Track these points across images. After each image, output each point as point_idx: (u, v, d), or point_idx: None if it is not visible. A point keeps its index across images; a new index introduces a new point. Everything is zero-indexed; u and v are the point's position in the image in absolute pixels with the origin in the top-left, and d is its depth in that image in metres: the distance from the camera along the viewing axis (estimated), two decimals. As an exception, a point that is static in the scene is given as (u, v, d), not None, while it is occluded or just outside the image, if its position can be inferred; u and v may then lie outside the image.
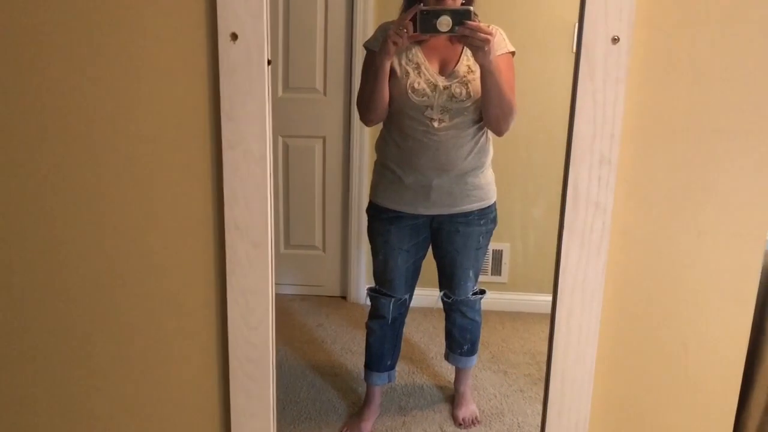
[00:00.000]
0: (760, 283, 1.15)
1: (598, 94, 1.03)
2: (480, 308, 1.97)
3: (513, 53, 1.66)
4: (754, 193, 1.08)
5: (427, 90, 1.65)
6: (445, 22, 1.38)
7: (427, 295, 2.00)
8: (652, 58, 1.04)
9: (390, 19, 1.63)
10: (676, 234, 1.10)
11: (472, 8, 1.41)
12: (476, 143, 1.73)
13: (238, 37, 1.05)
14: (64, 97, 1.13)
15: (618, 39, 1.01)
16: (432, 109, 1.66)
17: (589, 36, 1.01)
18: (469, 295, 1.92)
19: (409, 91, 1.65)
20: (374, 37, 1.68)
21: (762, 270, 1.13)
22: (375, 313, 1.93)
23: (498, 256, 2.16)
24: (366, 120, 1.73)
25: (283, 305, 2.31)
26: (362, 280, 2.21)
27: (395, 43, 1.51)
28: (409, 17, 1.43)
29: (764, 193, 1.08)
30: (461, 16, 1.39)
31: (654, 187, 1.08)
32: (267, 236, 1.11)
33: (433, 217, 1.81)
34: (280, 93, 2.14)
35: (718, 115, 1.05)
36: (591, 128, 1.04)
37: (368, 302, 1.97)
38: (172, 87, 1.11)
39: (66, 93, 1.12)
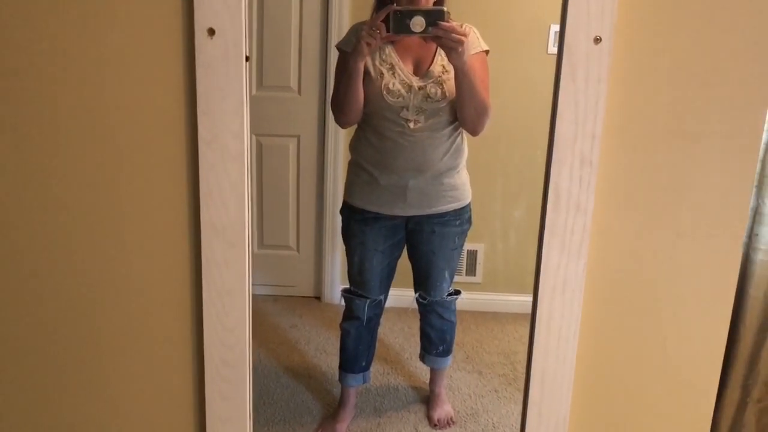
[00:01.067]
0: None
1: (580, 95, 1.02)
2: (455, 309, 1.97)
3: (487, 52, 1.66)
4: (731, 195, 1.08)
5: (402, 91, 1.64)
6: (418, 23, 1.37)
7: (401, 296, 1.98)
8: (634, 58, 1.04)
9: (364, 19, 1.62)
10: (655, 235, 1.10)
11: (445, 8, 1.40)
12: (452, 143, 1.72)
13: (216, 32, 1.03)
14: (36, 92, 1.09)
15: (600, 39, 1.00)
16: (407, 109, 1.65)
17: (571, 36, 1.01)
18: (445, 296, 1.92)
19: (384, 92, 1.64)
20: (347, 38, 1.66)
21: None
22: (349, 315, 1.91)
23: (473, 256, 2.15)
24: (341, 122, 1.71)
25: (257, 306, 2.26)
26: (336, 281, 2.19)
27: (368, 44, 1.50)
28: (381, 18, 1.42)
29: (742, 195, 1.09)
30: (435, 17, 1.37)
31: (634, 189, 1.09)
32: (244, 236, 1.08)
33: (409, 218, 1.80)
34: (254, 91, 2.11)
35: (698, 117, 1.06)
36: (572, 129, 1.04)
37: (343, 303, 1.96)
38: (148, 82, 1.08)
39: (38, 88, 1.09)
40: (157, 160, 1.10)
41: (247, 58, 1.05)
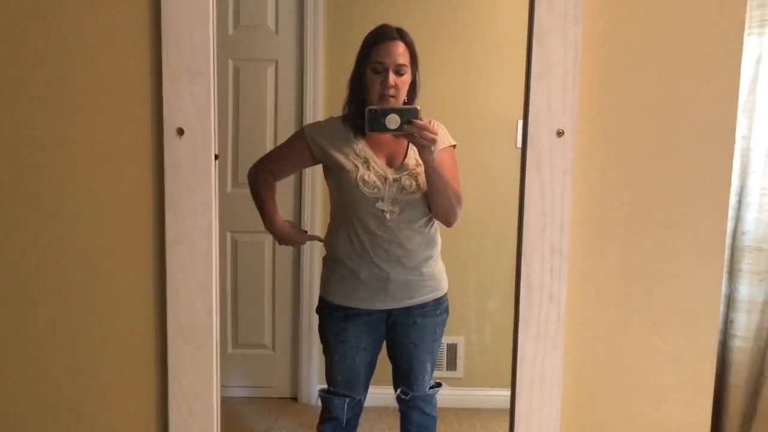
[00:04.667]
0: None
1: (546, 187, 1.04)
2: (436, 403, 1.91)
3: (454, 146, 1.70)
4: (704, 282, 1.08)
5: (378, 182, 1.66)
6: (393, 120, 1.41)
7: (380, 394, 1.93)
8: (597, 149, 1.06)
9: (337, 114, 1.67)
10: (630, 324, 1.09)
11: (418, 107, 1.44)
12: (427, 234, 1.73)
13: (185, 132, 1.04)
14: (7, 199, 1.08)
15: (563, 132, 1.03)
16: (383, 201, 1.66)
17: (534, 130, 1.04)
18: (427, 389, 1.86)
19: (360, 183, 1.66)
20: (315, 127, 1.71)
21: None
22: (327, 416, 1.84)
23: (453, 350, 2.12)
24: (253, 176, 1.78)
25: (230, 408, 2.19)
26: (314, 380, 2.13)
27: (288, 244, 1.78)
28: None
29: (714, 281, 1.09)
30: (409, 115, 1.41)
31: (606, 277, 1.08)
32: (212, 337, 1.05)
33: (389, 311, 1.77)
34: (229, 188, 2.12)
35: (664, 206, 1.07)
36: (540, 220, 1.04)
37: (320, 404, 1.89)
38: (117, 181, 1.08)
39: (8, 197, 1.08)
40: (126, 258, 1.09)
41: (216, 157, 1.06)
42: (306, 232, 1.89)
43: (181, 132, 1.04)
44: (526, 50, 1.05)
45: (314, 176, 2.10)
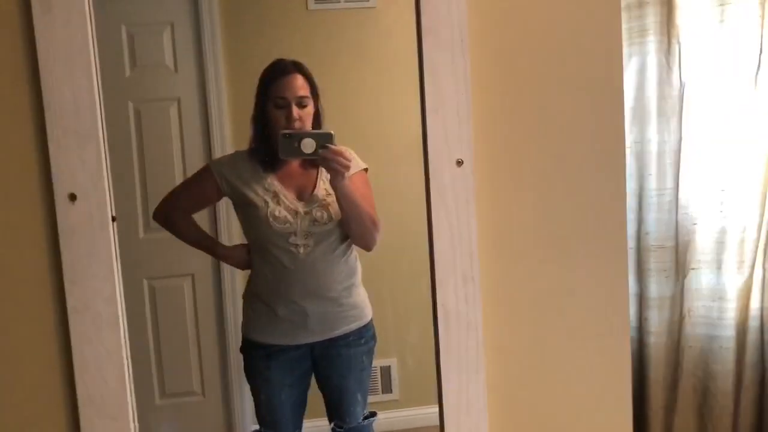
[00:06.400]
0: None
1: (452, 216, 1.05)
2: (374, 432, 1.90)
3: (366, 170, 1.70)
4: (611, 290, 1.12)
5: (289, 217, 1.64)
6: (308, 144, 1.40)
7: (316, 427, 1.90)
8: (496, 175, 1.09)
9: (242, 148, 1.66)
10: (546, 342, 1.12)
11: (333, 132, 1.44)
12: (346, 262, 1.72)
13: (77, 197, 1.00)
14: None
15: (462, 162, 1.04)
16: (296, 235, 1.64)
17: (434, 160, 1.05)
18: (361, 420, 1.85)
19: (271, 219, 1.63)
20: (219, 162, 1.70)
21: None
22: (263, 457, 1.80)
23: (386, 372, 2.11)
24: (158, 219, 1.77)
25: (165, 462, 2.11)
26: (248, 422, 2.08)
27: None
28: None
29: (620, 289, 1.13)
30: (324, 140, 1.40)
31: (519, 299, 1.11)
32: (127, 407, 1.01)
33: (312, 345, 1.75)
34: (141, 234, 2.05)
35: (565, 220, 1.11)
36: (450, 249, 1.06)
37: (256, 446, 1.85)
38: (8, 252, 1.03)
39: None
40: (24, 337, 1.03)
41: (113, 219, 1.02)
42: None
43: (73, 197, 1.00)
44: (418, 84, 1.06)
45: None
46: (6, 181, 1.02)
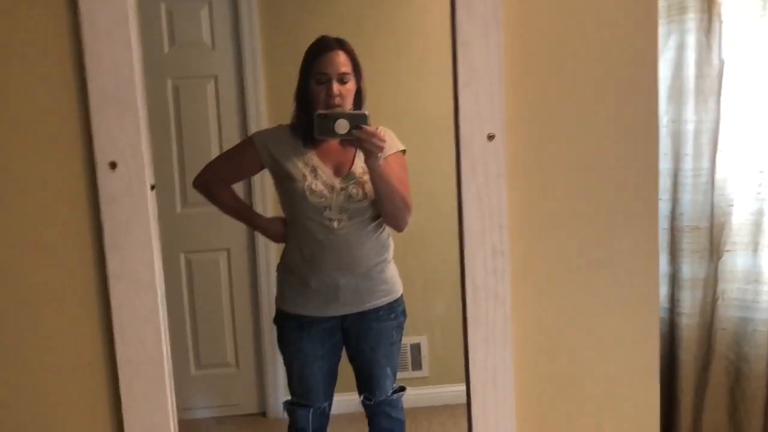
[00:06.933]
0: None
1: (482, 190, 1.06)
2: (402, 406, 1.92)
3: (404, 152, 1.71)
4: (641, 267, 1.12)
5: (325, 191, 1.66)
6: (342, 125, 1.42)
7: (346, 400, 1.93)
8: (528, 149, 1.09)
9: (284, 122, 1.68)
10: (574, 317, 1.12)
11: (367, 113, 1.45)
12: (378, 239, 1.74)
13: (117, 165, 1.03)
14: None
15: (493, 136, 1.05)
16: (330, 209, 1.67)
17: (465, 135, 1.06)
18: (390, 394, 1.88)
19: (307, 193, 1.66)
20: (263, 134, 1.72)
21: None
22: (294, 427, 1.84)
23: (416, 349, 2.13)
24: (204, 185, 1.77)
25: (199, 430, 2.17)
26: (280, 393, 2.12)
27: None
28: None
29: (651, 266, 1.12)
30: (358, 120, 1.42)
31: (547, 273, 1.11)
32: (163, 370, 1.05)
33: (343, 318, 1.78)
34: (178, 209, 2.10)
35: (596, 196, 1.11)
36: (480, 222, 1.06)
37: (287, 416, 1.89)
38: (53, 219, 1.06)
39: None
40: (68, 298, 1.07)
41: (152, 187, 1.05)
42: None
43: (113, 165, 1.03)
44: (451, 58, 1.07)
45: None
46: (49, 148, 1.06)
